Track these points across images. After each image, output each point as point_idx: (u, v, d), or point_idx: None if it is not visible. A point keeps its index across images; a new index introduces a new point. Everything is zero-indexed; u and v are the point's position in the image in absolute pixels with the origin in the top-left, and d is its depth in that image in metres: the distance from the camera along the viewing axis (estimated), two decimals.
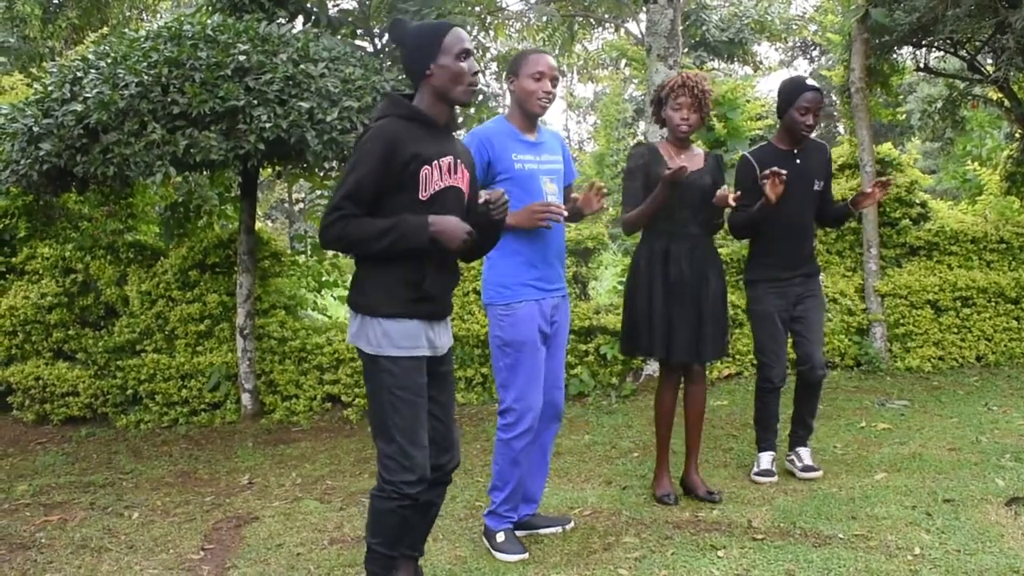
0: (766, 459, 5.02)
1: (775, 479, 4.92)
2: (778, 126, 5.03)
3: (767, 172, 4.54)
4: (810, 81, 4.89)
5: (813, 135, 5.01)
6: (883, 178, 4.85)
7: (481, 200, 3.22)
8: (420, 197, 3.15)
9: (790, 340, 5.00)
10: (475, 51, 3.29)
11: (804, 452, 5.06)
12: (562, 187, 4.18)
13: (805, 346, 4.93)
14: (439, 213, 3.15)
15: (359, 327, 3.23)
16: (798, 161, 4.89)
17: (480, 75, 3.37)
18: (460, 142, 3.47)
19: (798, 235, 4.91)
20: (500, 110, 9.13)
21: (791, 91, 4.83)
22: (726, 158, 9.24)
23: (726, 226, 5.03)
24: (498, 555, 4.00)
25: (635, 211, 4.51)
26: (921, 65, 9.03)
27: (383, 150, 3.10)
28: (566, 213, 4.00)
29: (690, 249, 4.54)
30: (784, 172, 4.52)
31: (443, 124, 3.30)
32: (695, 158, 4.62)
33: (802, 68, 30.30)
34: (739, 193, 4.58)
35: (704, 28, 17.86)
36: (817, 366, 4.92)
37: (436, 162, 3.18)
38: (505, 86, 4.13)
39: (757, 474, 4.98)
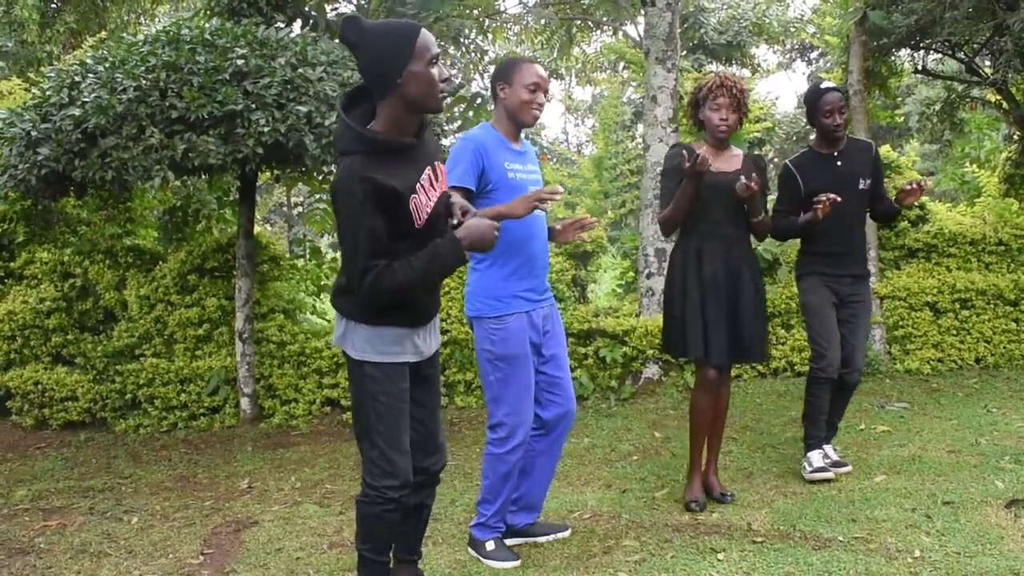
0: (817, 457, 4.96)
1: (831, 474, 4.89)
2: (814, 134, 5.10)
3: (823, 197, 4.57)
4: (827, 83, 4.96)
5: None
6: (920, 179, 4.89)
7: (455, 221, 3.10)
8: (417, 226, 3.05)
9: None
10: (440, 53, 3.10)
11: (828, 449, 5.11)
12: None
13: (848, 350, 4.95)
14: (437, 230, 3.11)
15: (344, 330, 3.19)
16: (839, 163, 4.94)
17: (450, 81, 3.21)
18: (431, 137, 3.26)
19: (847, 235, 4.94)
20: None
21: (812, 97, 4.94)
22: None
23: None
24: (490, 563, 3.97)
25: (667, 210, 4.50)
26: (919, 67, 9.05)
27: (367, 197, 2.90)
28: (561, 192, 3.92)
29: (725, 249, 4.51)
30: (839, 199, 4.57)
31: (414, 137, 3.09)
32: (733, 159, 4.59)
33: (800, 71, 30.38)
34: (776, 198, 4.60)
35: (702, 31, 17.87)
36: (857, 371, 4.98)
37: (419, 185, 3.06)
38: (494, 91, 4.04)
39: (812, 471, 4.90)
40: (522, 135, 4.14)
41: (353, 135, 2.98)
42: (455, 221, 3.11)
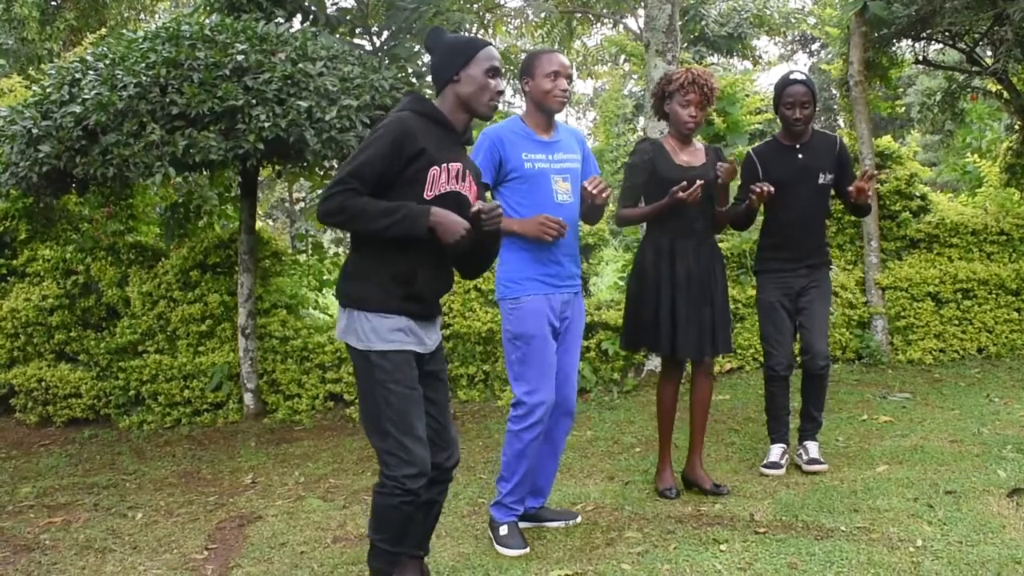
0: (775, 451, 5.03)
1: (782, 472, 4.92)
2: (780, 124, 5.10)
3: (758, 186, 4.59)
4: (796, 75, 4.92)
5: (817, 127, 5.05)
6: (867, 171, 4.88)
7: (473, 210, 3.18)
8: (425, 195, 3.16)
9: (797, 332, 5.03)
10: (503, 74, 3.36)
11: (811, 446, 5.07)
12: (578, 185, 4.15)
13: (807, 336, 4.95)
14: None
15: (347, 322, 3.23)
16: (800, 156, 4.94)
17: (503, 94, 3.41)
18: (469, 156, 3.50)
19: (804, 228, 4.95)
20: (516, 110, 9.14)
21: (777, 88, 4.96)
22: (725, 152, 9.25)
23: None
24: (499, 548, 4.02)
25: (635, 211, 4.56)
26: (920, 58, 9.03)
27: (395, 136, 3.12)
28: (565, 231, 3.98)
29: (696, 245, 4.55)
30: (771, 189, 4.58)
31: (460, 131, 3.36)
32: (696, 152, 4.63)
33: (801, 62, 30.30)
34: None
35: (703, 23, 17.83)
36: (818, 356, 4.93)
37: (446, 165, 3.22)
38: (522, 87, 4.15)
39: (765, 466, 4.98)
40: (558, 125, 4.20)
41: (413, 97, 3.35)
42: (473, 210, 3.19)
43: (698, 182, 4.32)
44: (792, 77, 4.91)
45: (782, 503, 4.42)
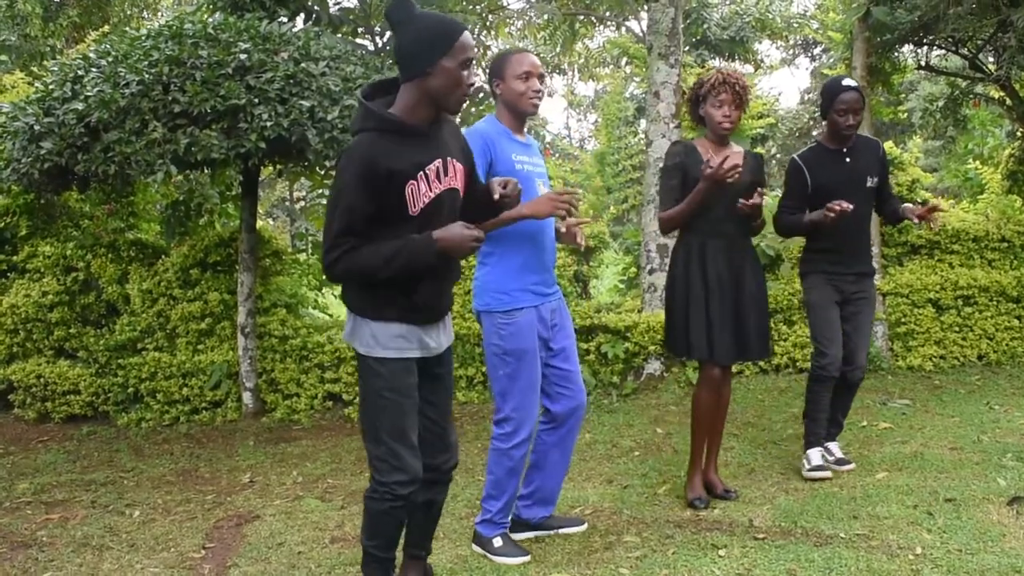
0: (816, 456, 4.97)
1: (829, 474, 4.88)
2: (824, 127, 5.07)
3: (836, 205, 4.55)
4: (847, 81, 4.89)
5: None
6: (935, 212, 4.85)
7: (496, 195, 3.14)
8: (411, 213, 3.04)
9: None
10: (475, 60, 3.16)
11: (834, 446, 5.11)
12: (547, 188, 4.10)
13: (850, 347, 4.94)
14: (433, 223, 3.06)
15: (352, 326, 3.20)
16: (848, 160, 4.92)
17: (474, 86, 3.24)
18: (450, 131, 3.27)
19: (853, 233, 4.91)
20: None
21: (829, 93, 4.89)
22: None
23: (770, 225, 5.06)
24: (499, 559, 3.95)
25: (674, 209, 4.46)
26: (922, 63, 9.03)
27: (361, 176, 2.95)
28: (580, 196, 3.93)
29: (727, 247, 4.49)
30: (850, 208, 4.54)
31: (426, 128, 3.10)
32: (734, 156, 4.54)
33: (803, 66, 30.30)
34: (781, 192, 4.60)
35: (705, 26, 17.85)
36: (860, 368, 4.96)
37: (420, 174, 3.05)
38: (491, 88, 4.05)
39: (811, 470, 4.90)
40: (525, 129, 4.13)
41: (363, 113, 3.05)
42: (496, 196, 3.15)
43: (732, 161, 4.21)
44: (844, 83, 4.87)
45: (781, 509, 4.42)
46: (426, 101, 3.06)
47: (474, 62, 3.10)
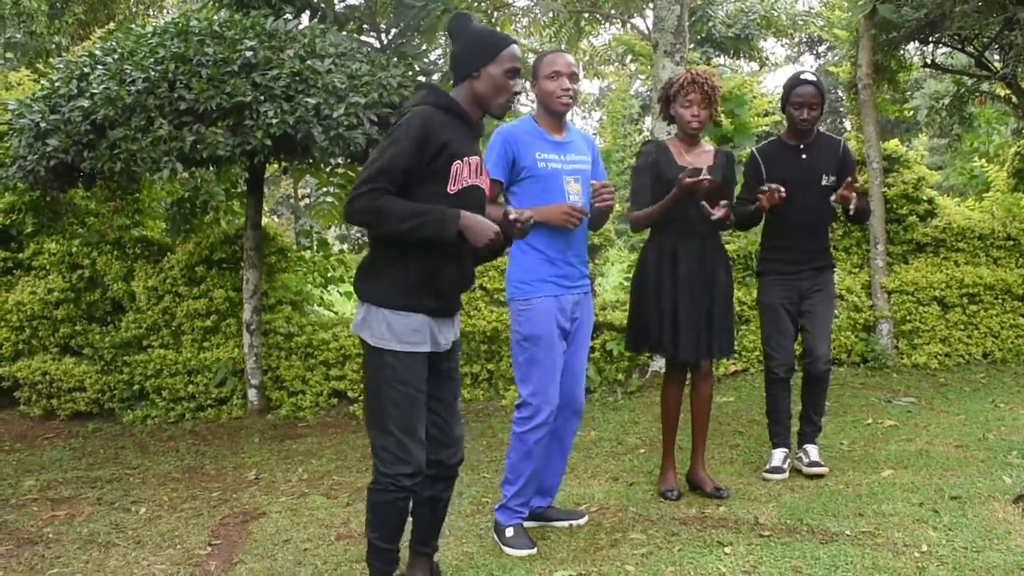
0: (777, 456, 5.00)
1: (785, 476, 4.90)
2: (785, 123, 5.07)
3: (768, 187, 4.58)
4: (806, 75, 4.90)
5: (822, 130, 5.04)
6: (850, 182, 4.80)
7: (512, 217, 3.22)
8: (448, 190, 3.17)
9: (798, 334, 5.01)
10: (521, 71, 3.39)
11: (811, 449, 5.05)
12: (588, 187, 4.14)
13: (809, 340, 4.94)
14: (464, 208, 3.14)
15: (364, 317, 3.23)
16: (804, 156, 4.92)
17: (519, 95, 3.41)
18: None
19: (807, 229, 4.93)
20: (524, 110, 9.12)
21: (786, 87, 4.94)
22: (734, 155, 9.22)
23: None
24: (506, 549, 4.01)
25: (645, 211, 4.51)
26: (928, 61, 9.01)
27: (419, 132, 3.11)
28: (588, 215, 4.02)
29: (700, 246, 4.53)
30: (782, 191, 4.56)
31: (475, 125, 3.34)
32: (704, 155, 4.60)
33: (808, 64, 30.22)
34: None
35: (710, 24, 17.81)
36: (820, 360, 4.91)
37: (466, 159, 3.22)
38: (527, 88, 4.18)
39: (767, 471, 4.96)
40: (570, 126, 4.20)
41: (429, 90, 3.32)
42: (512, 216, 3.22)
43: (704, 173, 4.28)
44: (802, 77, 4.89)
45: (787, 506, 4.42)
46: (473, 102, 3.32)
47: (519, 74, 3.34)
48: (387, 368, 3.17)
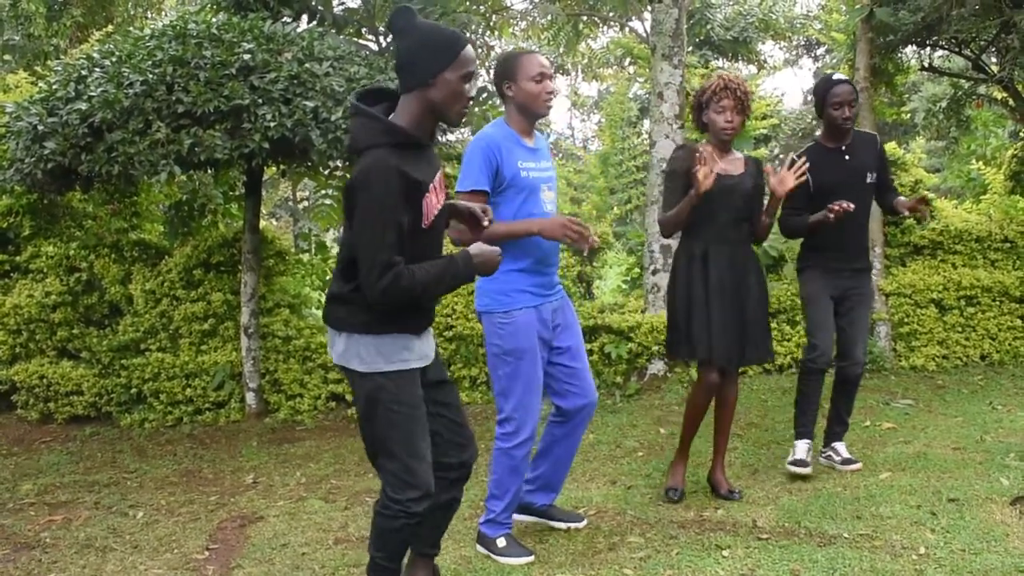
0: (801, 448, 4.98)
1: (809, 470, 4.89)
2: (821, 126, 5.11)
3: (837, 205, 4.58)
4: (837, 76, 4.99)
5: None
6: (923, 203, 4.86)
7: (485, 223, 3.14)
8: (423, 226, 3.03)
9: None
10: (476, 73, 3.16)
11: (840, 447, 5.12)
12: (556, 193, 4.11)
13: (846, 342, 4.99)
14: (436, 236, 3.11)
15: (346, 346, 3.09)
16: (847, 157, 4.96)
17: (473, 99, 3.23)
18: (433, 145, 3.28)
19: (851, 229, 4.92)
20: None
21: (822, 89, 4.96)
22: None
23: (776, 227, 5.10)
24: (503, 560, 3.96)
25: (669, 214, 4.51)
26: (926, 64, 9.03)
27: (395, 188, 2.89)
28: (597, 243, 3.96)
29: (731, 252, 4.52)
30: (851, 207, 4.57)
31: (429, 140, 3.14)
32: (736, 162, 4.58)
33: (807, 67, 30.29)
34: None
35: (709, 27, 17.82)
36: (857, 363, 4.98)
37: (431, 185, 3.05)
38: (500, 91, 4.01)
39: (791, 463, 4.94)
40: (536, 131, 4.12)
41: (381, 127, 2.98)
42: (486, 223, 3.14)
43: (711, 166, 4.28)
44: (835, 78, 4.95)
45: (785, 509, 4.42)
46: (428, 112, 3.04)
47: (473, 76, 3.07)
48: (382, 391, 3.06)
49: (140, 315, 7.48)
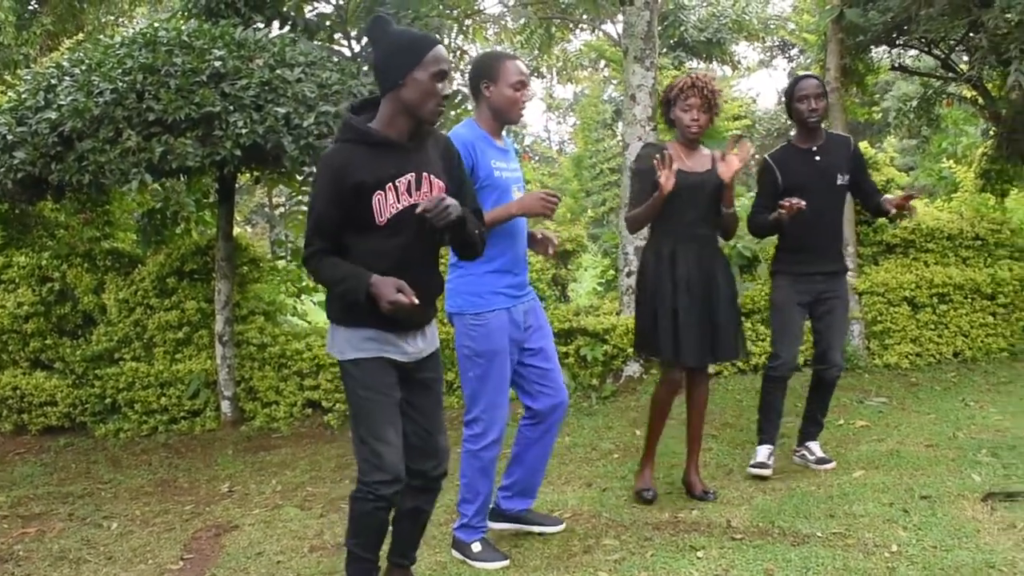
0: (763, 452, 5.03)
1: (769, 472, 4.93)
2: (794, 128, 5.13)
3: (788, 202, 4.61)
4: (805, 72, 4.99)
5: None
6: (909, 200, 4.87)
7: (418, 210, 3.08)
8: (377, 222, 3.12)
9: (809, 338, 5.06)
10: (450, 72, 3.21)
11: (814, 445, 5.16)
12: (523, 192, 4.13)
13: (823, 347, 5.01)
14: (403, 235, 3.13)
15: (330, 335, 3.31)
16: (817, 158, 4.96)
17: (448, 98, 3.28)
18: (435, 147, 3.31)
19: (822, 231, 4.94)
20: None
21: (789, 88, 5.01)
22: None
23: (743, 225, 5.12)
24: (478, 564, 3.96)
25: (634, 212, 4.53)
26: (896, 64, 9.10)
27: (330, 184, 3.11)
28: (560, 199, 4.01)
29: (698, 250, 4.54)
30: (803, 205, 4.58)
31: (407, 140, 3.18)
32: (703, 159, 4.60)
33: (781, 67, 30.45)
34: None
35: (682, 28, 17.90)
36: (835, 367, 5.00)
37: (389, 185, 3.11)
38: (476, 88, 4.01)
39: (753, 466, 4.99)
40: (503, 132, 4.14)
41: (341, 124, 3.22)
42: (418, 210, 3.08)
43: (672, 167, 4.28)
44: (801, 74, 5.02)
45: (759, 509, 4.44)
46: (402, 112, 3.15)
47: (448, 76, 3.16)
48: (349, 378, 3.24)
49: (114, 324, 7.44)
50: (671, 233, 4.54)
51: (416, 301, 3.03)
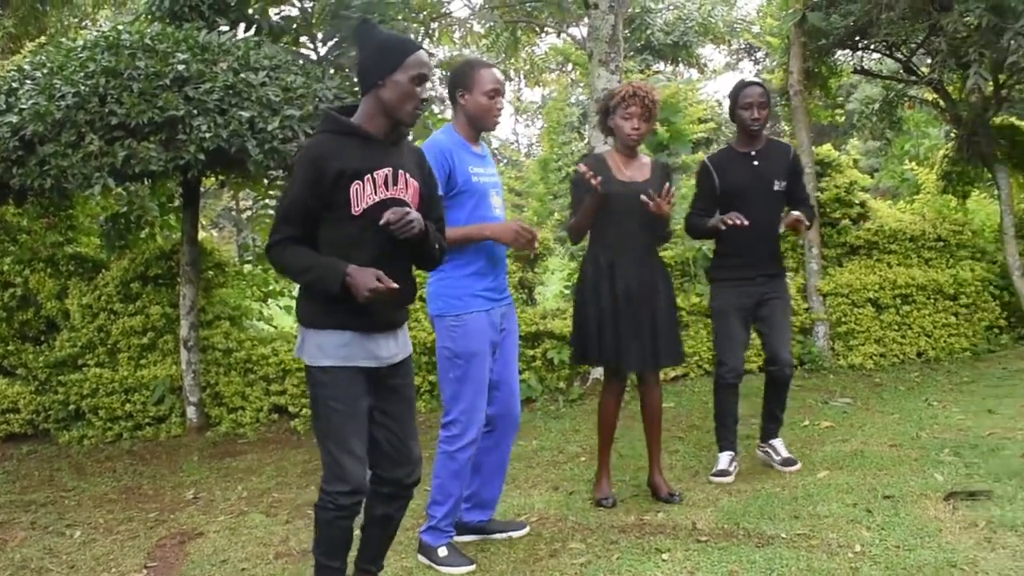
0: (724, 459, 5.06)
1: (731, 479, 4.96)
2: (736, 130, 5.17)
3: (730, 219, 4.65)
4: (750, 79, 5.03)
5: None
6: (797, 223, 4.89)
7: (382, 221, 3.08)
8: (353, 212, 3.13)
9: (756, 340, 5.08)
10: (431, 79, 3.24)
11: (779, 444, 5.19)
12: (501, 197, 4.17)
13: (771, 346, 5.03)
14: (374, 227, 3.11)
15: (300, 339, 3.26)
16: (756, 163, 5.00)
17: (427, 101, 3.34)
18: (410, 152, 3.39)
19: (759, 236, 4.95)
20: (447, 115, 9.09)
21: (733, 92, 5.04)
22: (669, 162, 9.33)
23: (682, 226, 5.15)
24: (444, 569, 3.96)
25: (573, 221, 4.59)
26: (858, 67, 9.20)
27: (308, 171, 3.12)
28: (538, 237, 4.07)
29: (639, 260, 4.56)
30: (746, 223, 4.63)
31: (383, 137, 3.25)
32: (642, 167, 4.63)
33: (747, 70, 30.62)
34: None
35: (649, 32, 18.01)
36: (785, 365, 5.01)
37: (368, 176, 3.15)
38: (452, 96, 4.05)
39: (714, 474, 5.02)
40: (480, 138, 4.18)
41: (324, 116, 3.32)
42: (382, 221, 3.08)
43: (588, 173, 4.30)
44: (747, 80, 5.06)
45: (724, 511, 4.46)
46: (381, 111, 3.23)
47: (427, 80, 3.25)
48: (319, 385, 3.19)
49: (77, 330, 7.36)
50: (610, 244, 4.56)
51: (395, 286, 3.04)
